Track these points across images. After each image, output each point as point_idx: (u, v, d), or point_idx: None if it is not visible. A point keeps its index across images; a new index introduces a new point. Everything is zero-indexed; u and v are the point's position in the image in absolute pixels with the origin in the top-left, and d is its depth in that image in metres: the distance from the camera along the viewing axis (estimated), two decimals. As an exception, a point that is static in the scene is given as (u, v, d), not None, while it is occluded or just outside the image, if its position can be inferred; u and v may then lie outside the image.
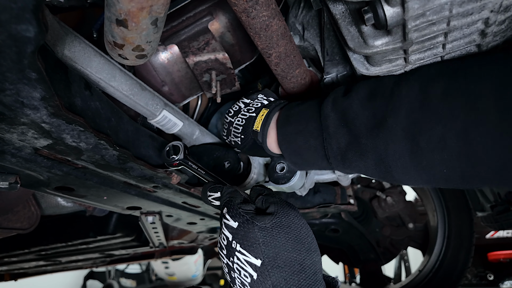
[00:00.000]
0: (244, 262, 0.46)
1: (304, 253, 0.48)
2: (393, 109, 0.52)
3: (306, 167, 0.74)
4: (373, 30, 0.59)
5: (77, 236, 1.30)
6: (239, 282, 0.48)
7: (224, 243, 0.50)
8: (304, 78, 0.81)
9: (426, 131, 0.48)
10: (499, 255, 3.03)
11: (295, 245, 0.48)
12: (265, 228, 0.47)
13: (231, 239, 0.48)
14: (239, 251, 0.47)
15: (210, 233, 1.69)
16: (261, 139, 0.71)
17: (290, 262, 0.46)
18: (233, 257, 0.48)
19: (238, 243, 0.47)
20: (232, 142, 0.80)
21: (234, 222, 0.49)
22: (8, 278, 2.33)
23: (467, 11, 0.52)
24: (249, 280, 0.46)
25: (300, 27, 0.87)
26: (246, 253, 0.46)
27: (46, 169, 0.57)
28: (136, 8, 0.42)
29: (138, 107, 0.72)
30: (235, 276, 0.48)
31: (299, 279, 0.45)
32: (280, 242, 0.47)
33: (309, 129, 0.64)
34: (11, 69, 0.36)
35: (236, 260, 0.47)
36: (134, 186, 0.79)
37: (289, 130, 0.67)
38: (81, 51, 0.58)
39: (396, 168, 0.53)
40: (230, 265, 0.49)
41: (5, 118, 0.41)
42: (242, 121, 0.75)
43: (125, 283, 5.06)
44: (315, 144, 0.64)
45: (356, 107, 0.56)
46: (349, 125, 0.57)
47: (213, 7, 0.76)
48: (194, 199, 0.99)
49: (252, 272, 0.46)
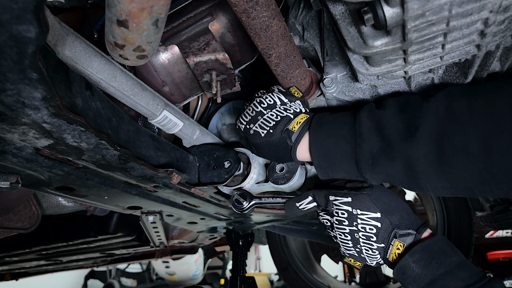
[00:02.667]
0: (367, 219, 0.65)
1: (399, 200, 0.68)
2: (424, 119, 0.59)
3: (332, 173, 0.72)
4: (373, 31, 0.60)
5: (78, 235, 1.30)
6: (364, 238, 0.66)
7: (345, 216, 0.68)
8: (304, 79, 0.81)
9: (451, 138, 0.56)
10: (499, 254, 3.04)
11: (392, 198, 0.68)
12: (371, 194, 0.67)
13: (351, 209, 0.67)
14: (361, 213, 0.66)
15: (210, 233, 1.69)
16: (294, 140, 0.72)
17: (396, 206, 0.66)
18: (356, 221, 0.66)
19: (358, 209, 0.66)
20: (250, 130, 0.78)
21: (347, 198, 0.68)
22: (9, 277, 2.33)
23: (466, 11, 0.52)
24: (375, 230, 0.65)
25: (300, 28, 0.87)
26: (367, 212, 0.66)
27: (47, 169, 0.57)
28: (137, 9, 0.42)
29: (139, 107, 0.72)
30: (359, 236, 0.67)
31: (406, 215, 0.66)
32: (384, 197, 0.67)
33: (342, 133, 0.68)
34: (12, 69, 0.36)
35: (360, 222, 0.66)
36: (134, 186, 0.79)
37: (322, 134, 0.70)
38: (82, 51, 0.58)
39: (422, 173, 0.59)
40: (354, 228, 0.67)
41: (6, 118, 0.41)
42: (277, 117, 0.75)
43: (126, 283, 5.07)
44: (346, 148, 0.67)
45: (390, 116, 0.63)
46: (383, 132, 0.63)
47: (213, 8, 0.76)
48: (195, 198, 0.99)
49: (376, 223, 0.65)
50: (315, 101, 0.86)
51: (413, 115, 0.61)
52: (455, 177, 0.57)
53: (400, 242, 0.64)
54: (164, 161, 0.77)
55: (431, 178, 0.59)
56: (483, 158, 0.53)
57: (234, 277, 1.65)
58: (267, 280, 5.41)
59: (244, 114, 0.82)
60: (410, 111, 0.62)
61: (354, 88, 0.81)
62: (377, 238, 0.65)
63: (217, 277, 5.30)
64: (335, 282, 2.48)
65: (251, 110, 0.80)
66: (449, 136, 0.56)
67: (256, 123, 0.77)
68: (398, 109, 0.63)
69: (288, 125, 0.74)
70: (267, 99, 0.79)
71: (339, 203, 0.69)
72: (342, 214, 0.68)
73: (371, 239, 0.66)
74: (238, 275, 1.65)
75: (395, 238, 0.64)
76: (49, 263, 1.89)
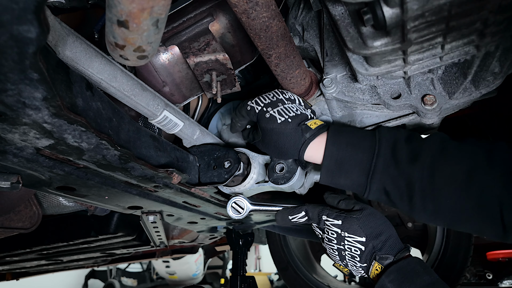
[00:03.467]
0: (353, 242, 0.72)
1: (387, 224, 0.75)
2: (423, 150, 0.69)
3: (337, 178, 0.75)
4: (372, 31, 0.60)
5: (78, 235, 1.31)
6: (349, 256, 0.74)
7: (334, 236, 0.75)
8: (304, 79, 0.81)
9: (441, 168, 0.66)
10: (498, 254, 3.03)
11: (380, 221, 0.74)
12: (359, 218, 0.73)
13: (340, 231, 0.74)
14: (348, 236, 0.73)
15: (210, 232, 1.69)
16: (309, 136, 0.75)
17: (381, 231, 0.73)
18: (344, 241, 0.74)
19: (346, 232, 0.73)
20: (266, 113, 0.78)
21: (338, 221, 0.75)
22: (10, 277, 2.34)
23: (466, 11, 0.52)
24: (359, 252, 0.72)
25: (300, 28, 0.87)
26: (353, 236, 0.72)
27: (48, 169, 0.58)
28: (137, 9, 0.42)
29: (139, 108, 0.72)
30: (345, 254, 0.74)
31: (389, 240, 0.73)
32: (371, 222, 0.73)
33: (362, 144, 0.73)
34: (13, 69, 0.36)
35: (347, 243, 0.73)
36: (135, 186, 0.80)
37: (341, 139, 0.74)
38: (82, 51, 0.58)
39: (417, 192, 0.68)
40: (341, 247, 0.75)
41: (7, 118, 0.41)
42: (297, 110, 0.78)
43: (126, 282, 5.07)
44: (362, 157, 0.72)
45: (401, 141, 0.71)
46: (395, 152, 0.70)
47: (213, 8, 0.77)
48: (195, 198, 0.99)
49: (360, 246, 0.72)
50: (315, 101, 0.86)
51: (417, 144, 0.70)
52: (442, 204, 0.66)
53: (378, 264, 0.71)
54: (165, 161, 0.77)
55: (424, 198, 0.68)
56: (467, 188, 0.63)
57: (234, 277, 1.65)
58: (267, 279, 5.41)
59: (262, 97, 0.81)
60: (415, 141, 0.71)
61: (354, 89, 0.82)
62: (360, 259, 0.73)
63: (217, 276, 5.31)
64: (335, 281, 2.48)
65: (271, 96, 0.80)
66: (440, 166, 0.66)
67: (274, 108, 0.77)
68: (407, 138, 0.72)
69: (306, 122, 0.77)
70: (288, 93, 0.81)
71: (330, 224, 0.76)
72: (331, 234, 0.76)
73: (355, 258, 0.74)
74: (238, 275, 1.66)
75: (375, 260, 0.72)
76: (49, 263, 1.90)
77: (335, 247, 0.76)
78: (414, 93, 0.76)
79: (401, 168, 0.69)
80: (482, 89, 0.71)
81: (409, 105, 0.76)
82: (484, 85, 0.71)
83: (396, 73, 0.71)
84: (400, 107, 0.78)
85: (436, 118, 0.77)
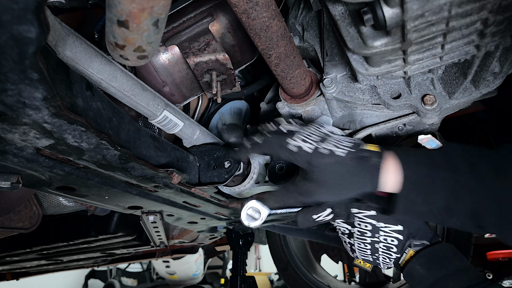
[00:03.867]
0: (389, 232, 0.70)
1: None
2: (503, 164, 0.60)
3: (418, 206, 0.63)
4: (372, 31, 0.60)
5: (78, 235, 1.31)
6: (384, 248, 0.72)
7: (369, 228, 0.72)
8: (304, 79, 0.81)
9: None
10: (498, 254, 3.03)
11: None
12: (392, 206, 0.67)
13: (375, 222, 0.71)
14: (384, 226, 0.71)
15: (210, 232, 1.69)
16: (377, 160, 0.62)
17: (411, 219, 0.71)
18: (379, 232, 0.71)
19: (382, 222, 0.71)
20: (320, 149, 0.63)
21: (371, 211, 0.72)
22: (10, 277, 2.34)
23: (466, 11, 0.52)
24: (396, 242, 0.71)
25: (300, 28, 0.87)
26: (390, 225, 0.71)
27: (48, 169, 0.58)
28: (137, 9, 0.42)
29: (139, 108, 0.72)
30: (379, 246, 0.72)
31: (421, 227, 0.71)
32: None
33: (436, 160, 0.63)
34: (13, 69, 0.36)
35: (382, 234, 0.71)
36: (135, 186, 0.80)
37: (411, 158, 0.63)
38: (82, 51, 0.58)
39: None
40: (376, 239, 0.72)
41: (7, 118, 0.41)
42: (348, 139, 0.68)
43: (126, 282, 5.08)
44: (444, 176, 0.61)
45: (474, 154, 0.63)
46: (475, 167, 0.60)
47: (213, 8, 0.77)
48: (195, 198, 0.99)
49: (397, 235, 0.70)
50: (315, 101, 0.86)
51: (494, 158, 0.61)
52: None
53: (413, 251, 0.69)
54: (165, 161, 0.77)
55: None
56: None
57: (234, 277, 1.65)
58: (267, 279, 5.41)
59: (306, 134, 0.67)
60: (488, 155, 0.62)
61: (354, 89, 0.82)
62: (397, 249, 0.71)
63: (217, 276, 5.31)
64: (335, 281, 2.48)
65: (314, 130, 0.68)
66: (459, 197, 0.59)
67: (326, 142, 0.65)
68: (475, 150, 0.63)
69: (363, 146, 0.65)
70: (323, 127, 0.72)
71: (362, 216, 0.73)
72: (365, 226, 0.73)
73: (391, 249, 0.72)
74: (238, 275, 1.66)
75: (410, 248, 0.70)
76: (49, 263, 1.90)
77: (369, 240, 0.73)
78: (414, 93, 0.76)
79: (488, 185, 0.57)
80: (482, 89, 0.71)
81: (409, 105, 0.76)
82: (484, 85, 0.71)
83: (396, 73, 0.71)
84: (400, 107, 0.78)
85: (436, 118, 0.77)
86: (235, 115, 1.14)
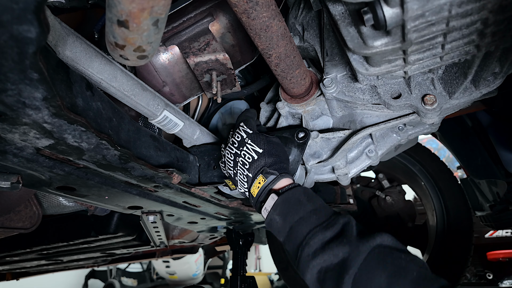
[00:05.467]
0: (250, 149, 0.76)
1: (286, 156, 0.81)
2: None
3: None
4: (373, 31, 0.60)
5: (78, 235, 1.31)
6: (241, 163, 0.77)
7: (238, 140, 0.79)
8: (304, 79, 0.81)
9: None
10: (498, 254, 3.04)
11: (282, 153, 0.79)
12: (268, 138, 0.78)
13: (245, 137, 0.78)
14: (249, 144, 0.76)
15: (210, 232, 1.69)
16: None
17: (278, 155, 0.77)
18: (243, 147, 0.77)
19: (250, 139, 0.77)
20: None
21: (250, 130, 0.78)
22: (10, 277, 2.34)
23: (466, 11, 0.52)
24: (250, 160, 0.75)
25: (300, 28, 0.87)
26: (254, 144, 0.76)
27: (48, 169, 0.58)
28: (137, 9, 0.42)
29: (139, 108, 0.72)
30: (238, 159, 0.77)
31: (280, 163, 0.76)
32: (275, 147, 0.77)
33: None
34: (13, 69, 0.36)
35: (245, 148, 0.76)
36: (135, 186, 0.80)
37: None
38: (82, 51, 0.58)
39: None
40: (238, 152, 0.77)
41: (7, 118, 0.41)
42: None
43: (126, 282, 5.07)
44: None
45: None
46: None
47: (213, 8, 0.77)
48: (195, 198, 0.99)
49: (254, 155, 0.75)
50: (315, 101, 0.86)
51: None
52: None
53: (262, 177, 0.73)
54: (165, 161, 0.77)
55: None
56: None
57: (235, 277, 1.65)
58: (267, 279, 5.41)
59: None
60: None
61: (354, 88, 0.81)
62: (250, 167, 0.75)
63: (217, 276, 5.30)
64: (335, 281, 2.48)
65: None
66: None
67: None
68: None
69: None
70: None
71: (241, 129, 0.80)
72: (237, 137, 0.79)
73: (245, 166, 0.76)
74: (238, 275, 1.66)
75: (261, 174, 0.73)
76: (49, 263, 1.90)
77: (234, 151, 0.78)
78: (415, 93, 0.76)
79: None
80: (482, 89, 0.71)
81: (410, 105, 0.76)
82: (485, 85, 0.71)
83: (396, 73, 0.71)
84: (401, 107, 0.78)
85: (436, 118, 0.77)
86: (235, 115, 1.14)
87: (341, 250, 0.59)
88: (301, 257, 0.63)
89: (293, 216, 0.67)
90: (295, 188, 0.71)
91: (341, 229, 0.63)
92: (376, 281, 0.53)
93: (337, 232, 0.62)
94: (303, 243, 0.64)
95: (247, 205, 1.23)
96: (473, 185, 2.05)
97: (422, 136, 0.87)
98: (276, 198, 0.70)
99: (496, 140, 1.58)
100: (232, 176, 0.81)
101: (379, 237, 0.59)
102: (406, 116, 0.79)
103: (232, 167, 0.79)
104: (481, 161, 1.70)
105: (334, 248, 0.59)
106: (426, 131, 0.88)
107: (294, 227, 0.66)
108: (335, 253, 0.59)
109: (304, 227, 0.65)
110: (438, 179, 2.08)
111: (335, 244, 0.60)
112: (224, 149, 0.83)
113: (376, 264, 0.55)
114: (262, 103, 1.03)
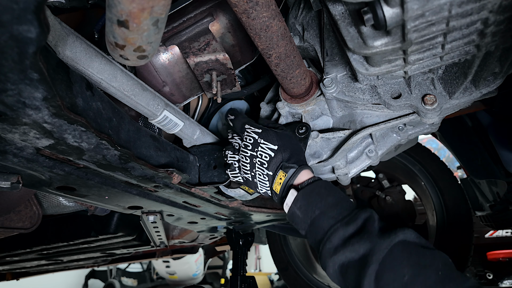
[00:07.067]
0: (265, 148, 0.76)
1: (299, 147, 0.80)
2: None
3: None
4: (373, 31, 0.60)
5: (78, 235, 1.31)
6: (259, 164, 0.76)
7: (251, 142, 0.79)
8: (304, 79, 0.81)
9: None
10: (498, 254, 3.04)
11: (295, 145, 0.79)
12: (278, 132, 0.77)
13: (257, 137, 0.78)
14: (263, 143, 0.76)
15: (210, 232, 1.69)
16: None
17: (292, 148, 0.77)
18: (258, 147, 0.77)
19: (262, 139, 0.77)
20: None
21: (258, 129, 0.79)
22: (10, 277, 2.34)
23: (466, 11, 0.52)
24: (268, 158, 0.75)
25: (300, 28, 0.87)
26: (267, 143, 0.76)
27: (48, 169, 0.58)
28: (137, 9, 0.42)
29: (139, 108, 0.72)
30: (255, 161, 0.77)
31: (296, 155, 0.76)
32: (287, 140, 0.77)
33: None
34: (13, 69, 0.36)
35: (260, 149, 0.76)
36: (135, 186, 0.80)
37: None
38: (82, 51, 0.58)
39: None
40: (254, 154, 0.77)
41: (7, 118, 0.41)
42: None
43: (126, 282, 5.07)
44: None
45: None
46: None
47: (213, 8, 0.77)
48: (195, 198, 0.99)
49: (271, 152, 0.75)
50: (315, 101, 0.86)
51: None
52: None
53: (283, 173, 0.73)
54: (165, 161, 0.77)
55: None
56: None
57: (235, 277, 1.65)
58: (267, 279, 5.41)
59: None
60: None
61: (354, 88, 0.82)
62: (268, 165, 0.75)
63: (217, 276, 5.30)
64: (335, 281, 2.48)
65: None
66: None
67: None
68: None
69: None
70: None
71: (250, 131, 0.80)
72: (249, 140, 0.79)
73: (263, 165, 0.76)
74: (238, 275, 1.66)
75: (281, 169, 0.73)
76: (49, 263, 1.90)
77: (249, 153, 0.78)
78: (415, 93, 0.76)
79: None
80: (482, 88, 0.71)
81: (410, 105, 0.76)
82: (485, 85, 0.71)
83: (396, 73, 0.71)
84: (401, 107, 0.78)
85: (436, 118, 0.77)
86: (235, 115, 1.14)
87: (362, 246, 0.59)
88: (323, 251, 0.64)
89: (314, 210, 0.67)
90: (315, 182, 0.71)
91: (362, 224, 0.63)
92: (399, 278, 0.53)
93: (358, 227, 0.63)
94: (324, 238, 0.64)
95: (247, 205, 1.23)
96: (473, 185, 2.05)
97: (422, 136, 0.87)
98: (295, 193, 0.70)
99: (496, 140, 1.58)
100: (249, 179, 0.80)
101: (402, 233, 0.59)
102: (406, 116, 0.79)
103: (249, 170, 0.79)
104: (481, 161, 1.70)
105: (355, 244, 0.60)
106: (426, 131, 0.87)
107: (315, 221, 0.67)
108: (356, 249, 0.59)
109: (325, 221, 0.65)
110: (438, 179, 2.08)
111: (356, 240, 0.60)
112: (235, 154, 0.83)
113: (400, 261, 0.55)
114: (262, 103, 1.03)
